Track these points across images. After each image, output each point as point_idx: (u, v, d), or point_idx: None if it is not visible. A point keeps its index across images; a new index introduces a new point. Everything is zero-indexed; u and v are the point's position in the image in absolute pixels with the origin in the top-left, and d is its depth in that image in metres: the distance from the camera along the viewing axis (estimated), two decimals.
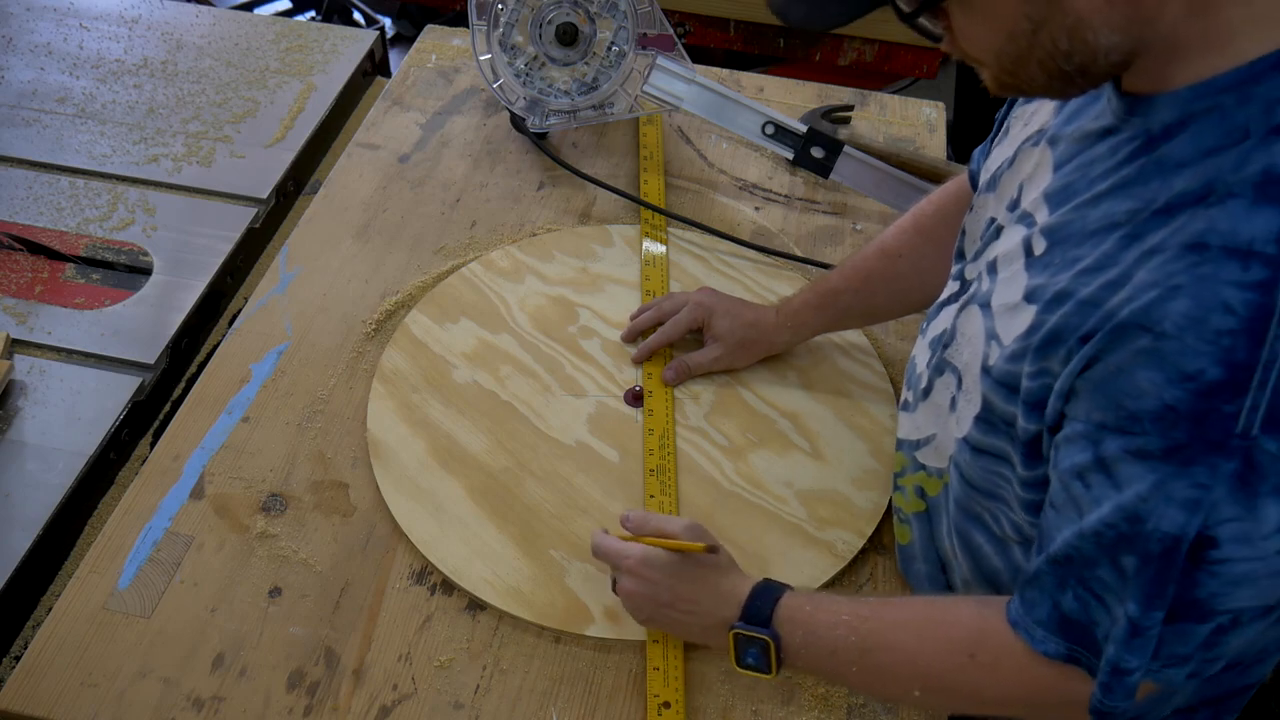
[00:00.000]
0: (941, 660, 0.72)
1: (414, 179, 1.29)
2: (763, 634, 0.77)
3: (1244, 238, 0.56)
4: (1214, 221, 0.58)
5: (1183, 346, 0.57)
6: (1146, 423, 0.59)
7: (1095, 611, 0.65)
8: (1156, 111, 0.63)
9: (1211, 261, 0.57)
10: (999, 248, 0.76)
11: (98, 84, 1.40)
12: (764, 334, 1.06)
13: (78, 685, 0.84)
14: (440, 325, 1.11)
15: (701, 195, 1.29)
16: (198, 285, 1.16)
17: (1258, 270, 0.55)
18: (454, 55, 1.47)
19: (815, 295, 1.04)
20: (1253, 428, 0.55)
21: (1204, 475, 0.57)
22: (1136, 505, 0.60)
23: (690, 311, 1.06)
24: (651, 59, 1.26)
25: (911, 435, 0.87)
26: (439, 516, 0.95)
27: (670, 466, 0.99)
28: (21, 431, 1.02)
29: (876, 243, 1.01)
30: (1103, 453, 0.62)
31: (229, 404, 1.03)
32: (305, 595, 0.90)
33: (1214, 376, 0.56)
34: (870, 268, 1.01)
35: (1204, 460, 0.57)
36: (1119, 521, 0.61)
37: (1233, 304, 0.56)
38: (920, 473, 0.86)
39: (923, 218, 0.99)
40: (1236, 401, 0.56)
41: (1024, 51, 0.62)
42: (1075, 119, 0.72)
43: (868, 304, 1.04)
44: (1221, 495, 0.57)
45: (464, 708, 0.84)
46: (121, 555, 0.92)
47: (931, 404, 0.82)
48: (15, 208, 1.23)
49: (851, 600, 0.78)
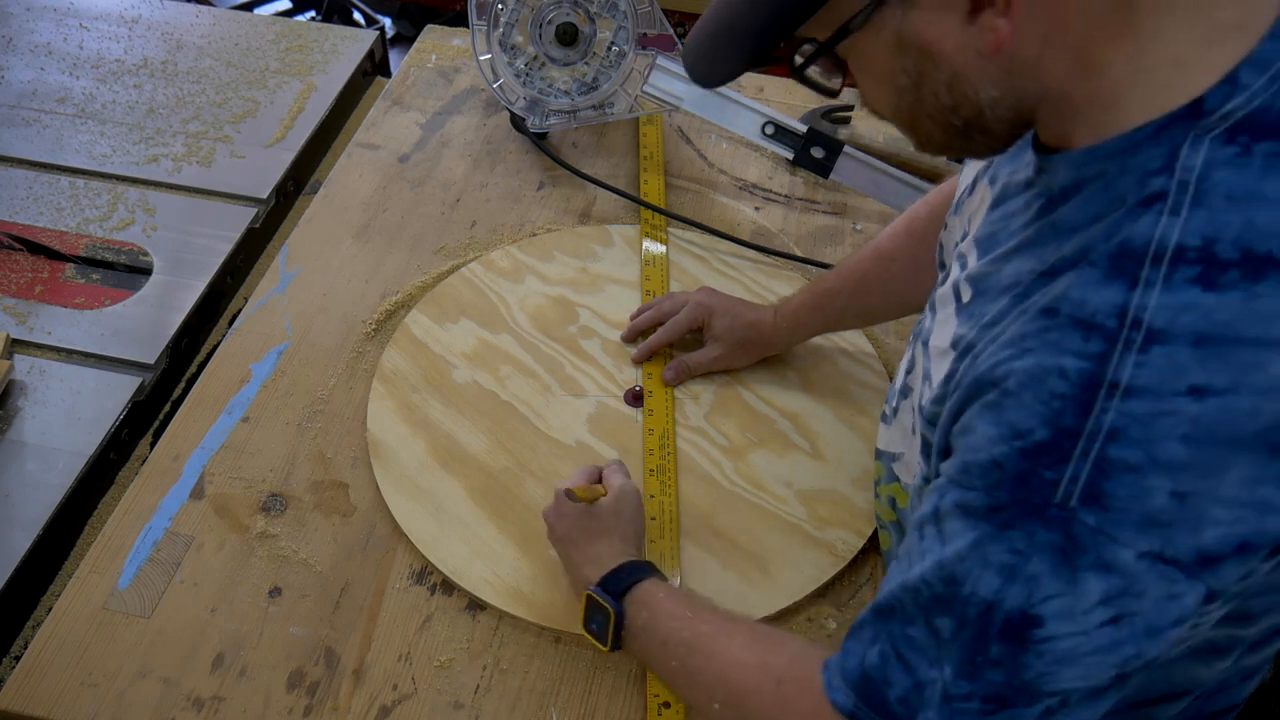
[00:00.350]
0: (749, 679, 0.71)
1: (414, 179, 1.29)
2: (609, 604, 0.78)
3: (1089, 309, 0.55)
4: (1069, 289, 0.57)
5: (1020, 403, 0.56)
6: (975, 476, 0.58)
7: (893, 672, 0.62)
8: (1056, 172, 0.62)
9: (1059, 328, 0.56)
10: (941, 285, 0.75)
11: (98, 84, 1.40)
12: (763, 334, 1.06)
13: (78, 685, 0.84)
14: (440, 325, 1.11)
15: (701, 195, 1.29)
16: (198, 285, 1.16)
17: (1096, 342, 0.54)
18: (454, 55, 1.47)
19: (812, 296, 1.04)
20: (1071, 499, 0.54)
21: (1021, 541, 0.56)
22: (955, 565, 0.58)
23: (690, 311, 1.06)
24: (651, 59, 1.26)
25: (888, 448, 0.86)
26: (439, 516, 0.95)
27: (670, 466, 0.99)
28: (21, 431, 1.02)
29: (871, 245, 1.01)
30: (941, 504, 0.60)
31: (229, 404, 1.03)
32: (305, 595, 0.90)
33: (1041, 438, 0.55)
34: (865, 270, 1.01)
35: (1022, 525, 0.56)
36: (936, 580, 0.59)
37: (1068, 371, 0.55)
38: (895, 484, 0.86)
39: (915, 221, 0.98)
40: (1058, 468, 0.54)
41: (913, 107, 0.61)
42: (1013, 160, 0.71)
43: (863, 306, 1.03)
44: (1042, 569, 0.55)
45: (464, 708, 0.84)
46: (121, 555, 0.92)
47: (899, 424, 0.82)
48: (15, 208, 1.23)
49: (703, 603, 0.79)
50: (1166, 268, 0.54)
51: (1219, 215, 0.54)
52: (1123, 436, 0.53)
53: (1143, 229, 0.55)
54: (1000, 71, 0.58)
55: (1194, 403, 0.52)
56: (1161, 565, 0.54)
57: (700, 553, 0.93)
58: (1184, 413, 0.52)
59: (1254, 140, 0.54)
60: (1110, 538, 0.54)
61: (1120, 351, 0.54)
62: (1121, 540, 0.54)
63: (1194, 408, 0.52)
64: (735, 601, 0.90)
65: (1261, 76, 0.54)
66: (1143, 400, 0.53)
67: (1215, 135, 0.54)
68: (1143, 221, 0.55)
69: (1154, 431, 0.53)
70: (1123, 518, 0.53)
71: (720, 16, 0.63)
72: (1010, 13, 0.55)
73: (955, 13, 0.56)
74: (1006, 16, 0.55)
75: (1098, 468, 0.54)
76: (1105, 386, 0.54)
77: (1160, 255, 0.54)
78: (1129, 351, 0.54)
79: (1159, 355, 0.53)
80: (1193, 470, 0.53)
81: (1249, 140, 0.54)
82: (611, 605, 0.78)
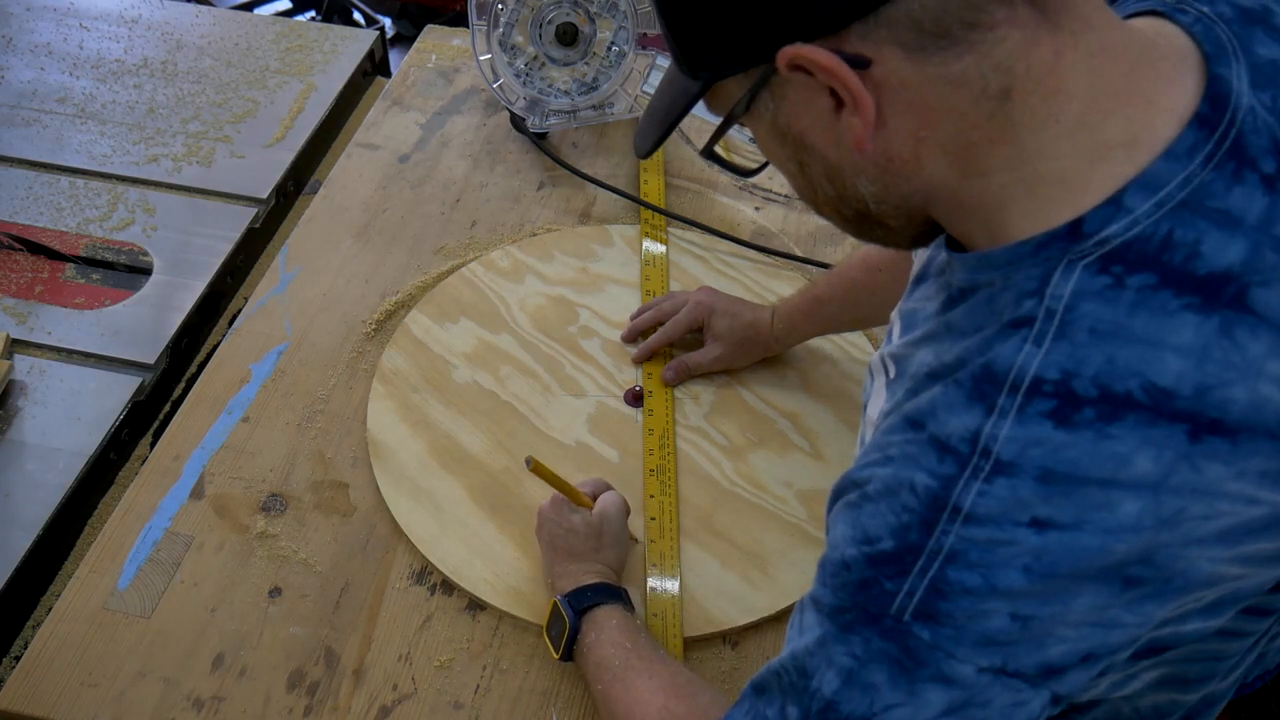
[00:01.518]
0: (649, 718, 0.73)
1: (414, 179, 1.29)
2: (568, 617, 0.81)
3: (947, 430, 0.54)
4: (935, 404, 0.55)
5: (875, 510, 0.56)
6: (828, 573, 0.58)
7: None
8: (955, 272, 0.59)
9: (919, 444, 0.55)
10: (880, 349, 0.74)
11: (98, 84, 1.40)
12: (762, 335, 1.06)
13: (78, 685, 0.84)
14: (440, 325, 1.11)
15: (701, 195, 1.29)
16: (198, 285, 1.16)
17: (949, 465, 0.53)
18: (454, 55, 1.47)
19: (805, 301, 1.04)
20: (905, 613, 0.54)
21: (859, 646, 0.55)
22: (805, 657, 0.58)
23: (690, 311, 1.07)
24: (651, 59, 1.26)
25: None
26: (439, 516, 0.95)
27: (670, 466, 0.99)
28: (21, 431, 1.02)
29: (860, 254, 1.00)
30: (808, 594, 0.61)
31: (229, 404, 1.03)
32: (305, 595, 0.90)
33: (886, 548, 0.55)
34: (853, 278, 1.00)
35: (861, 631, 0.55)
36: (792, 668, 0.59)
37: (919, 487, 0.54)
38: None
39: None
40: (897, 580, 0.54)
41: (806, 194, 0.61)
42: None
43: (854, 313, 1.03)
44: (881, 679, 0.55)
45: (464, 708, 0.84)
46: (121, 555, 0.92)
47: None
48: (15, 208, 1.23)
49: (647, 640, 0.80)
50: (1022, 399, 0.52)
51: (1080, 349, 0.51)
52: (960, 560, 0.52)
53: (1006, 354, 0.53)
54: (875, 168, 0.56)
55: (1034, 535, 0.51)
56: (1005, 678, 0.54)
57: (700, 553, 0.93)
58: (1024, 544, 0.51)
59: (1128, 272, 0.51)
60: (947, 653, 0.53)
61: (967, 478, 0.53)
62: (959, 656, 0.53)
63: (1035, 540, 0.51)
64: (735, 602, 0.90)
65: (1148, 200, 0.51)
66: (983, 528, 0.52)
67: (1089, 262, 0.52)
68: (1008, 345, 0.53)
69: (993, 558, 0.52)
70: (960, 635, 0.53)
71: (654, 98, 0.65)
72: (862, 113, 0.52)
73: (821, 108, 0.54)
74: (859, 117, 0.53)
75: (934, 587, 0.53)
76: (949, 509, 0.53)
77: (1018, 385, 0.52)
78: (975, 479, 0.52)
79: (1002, 486, 0.52)
80: (1034, 598, 0.52)
81: (1123, 271, 0.51)
82: (570, 618, 0.81)
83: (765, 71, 0.54)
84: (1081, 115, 0.52)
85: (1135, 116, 0.52)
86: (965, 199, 0.56)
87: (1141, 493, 0.51)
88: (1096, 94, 0.52)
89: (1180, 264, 0.51)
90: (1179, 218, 0.51)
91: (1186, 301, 0.51)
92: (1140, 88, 0.52)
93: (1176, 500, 0.51)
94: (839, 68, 0.51)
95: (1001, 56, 0.51)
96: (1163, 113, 0.52)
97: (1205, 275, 0.51)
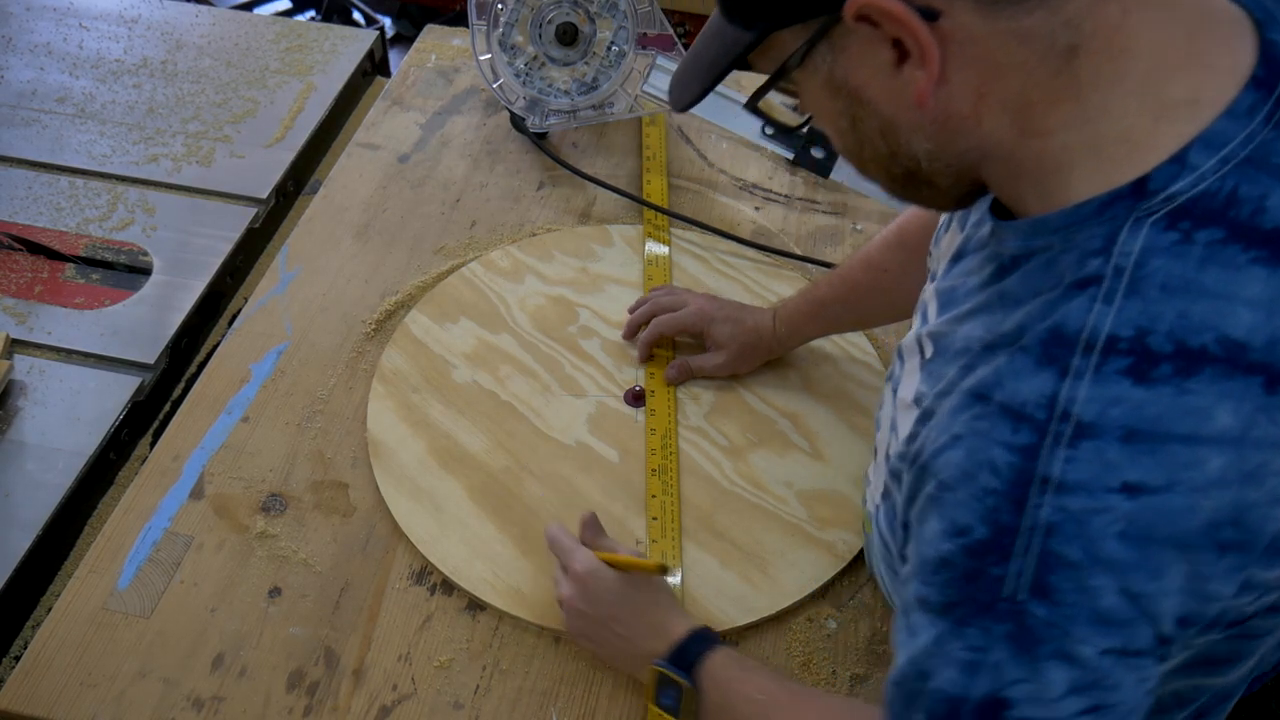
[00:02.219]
0: None
1: (414, 179, 1.29)
2: (684, 680, 0.76)
3: (1020, 398, 0.53)
4: (1001, 374, 0.55)
5: (956, 499, 0.55)
6: (929, 571, 0.57)
7: None
8: (1005, 240, 0.59)
9: (989, 417, 0.54)
10: (909, 332, 0.73)
11: (98, 84, 1.40)
12: (765, 339, 1.05)
13: (78, 685, 0.84)
14: (440, 325, 1.11)
15: (701, 195, 1.28)
16: (198, 285, 1.16)
17: (1025, 434, 0.52)
18: (454, 55, 1.47)
19: (807, 304, 1.04)
20: (1018, 592, 0.53)
21: (978, 638, 0.54)
22: (923, 660, 0.57)
23: (690, 317, 1.06)
24: (651, 59, 1.26)
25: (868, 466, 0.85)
26: (439, 516, 0.95)
27: (672, 466, 0.99)
28: (21, 431, 1.02)
29: (862, 254, 1.00)
30: (908, 595, 0.59)
31: (229, 404, 1.03)
32: (305, 595, 0.90)
33: (981, 535, 0.54)
34: (856, 279, 1.00)
35: (977, 622, 0.54)
36: (911, 675, 0.58)
37: (998, 465, 0.53)
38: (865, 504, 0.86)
39: (907, 232, 0.97)
40: (1002, 565, 0.53)
41: (855, 151, 0.60)
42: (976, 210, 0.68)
43: (857, 314, 1.03)
44: (1003, 657, 0.54)
45: (464, 708, 0.84)
46: (121, 555, 0.92)
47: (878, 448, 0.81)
48: (15, 208, 1.23)
49: (774, 679, 0.77)
50: (1097, 358, 0.52)
51: (1153, 305, 0.51)
52: (1059, 533, 0.52)
53: (1075, 314, 0.53)
54: (933, 124, 0.56)
55: (1127, 500, 0.51)
56: (1129, 659, 0.53)
57: (700, 553, 0.93)
58: (1117, 509, 0.51)
59: (1196, 227, 0.51)
60: (1064, 632, 0.53)
61: (1050, 445, 0.52)
62: (1076, 636, 0.53)
63: (1127, 505, 0.51)
64: (735, 602, 0.90)
65: (1212, 157, 0.52)
66: (1075, 496, 0.51)
67: (1156, 219, 0.52)
68: (1076, 306, 0.53)
69: (1089, 529, 0.51)
70: (1074, 613, 0.52)
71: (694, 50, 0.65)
72: (927, 66, 0.52)
73: (882, 61, 0.54)
74: (924, 70, 0.53)
75: (1042, 562, 0.52)
76: (1036, 481, 0.52)
77: (1092, 344, 0.52)
78: (1058, 445, 0.52)
79: (1088, 450, 0.51)
80: (1137, 571, 0.51)
81: (1190, 227, 0.52)
82: (689, 683, 0.76)
83: (826, 22, 0.54)
84: (1146, 75, 0.52)
85: (1196, 77, 0.53)
86: (1022, 159, 0.56)
87: (1224, 448, 0.51)
88: (1160, 54, 0.53)
89: (1247, 219, 0.52)
90: (1243, 174, 0.52)
91: (1255, 255, 0.52)
92: (1200, 49, 0.53)
93: (1258, 454, 0.52)
94: (909, 19, 0.51)
95: (1071, 13, 0.51)
96: (1221, 74, 0.53)
97: (1272, 229, 0.52)
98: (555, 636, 0.88)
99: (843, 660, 0.88)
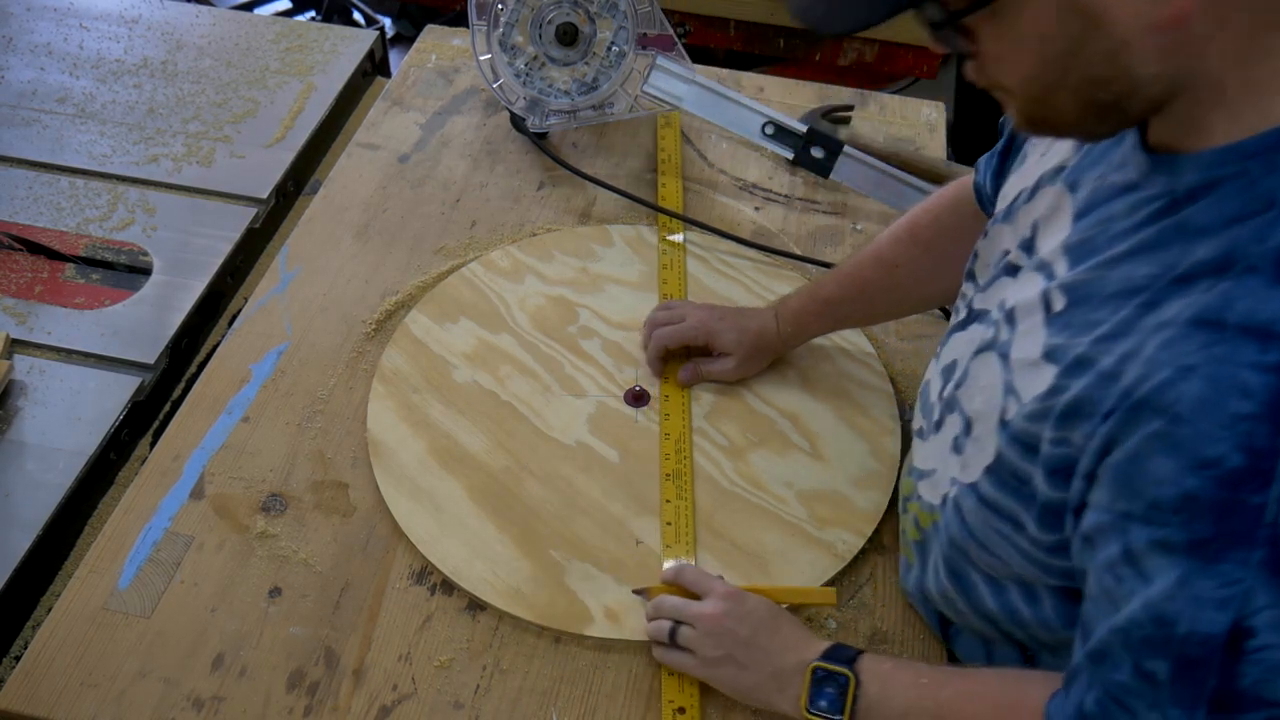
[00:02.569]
0: None
1: (414, 179, 1.29)
2: (845, 669, 0.77)
3: (1263, 316, 0.53)
4: (1231, 298, 0.55)
5: (1198, 431, 0.54)
6: (1168, 513, 0.56)
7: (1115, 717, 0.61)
8: (1181, 173, 0.60)
9: (1227, 341, 0.54)
10: (1015, 294, 0.74)
11: (98, 84, 1.40)
12: (769, 341, 1.05)
13: (78, 685, 0.84)
14: (440, 325, 1.11)
15: (701, 195, 1.29)
16: (198, 285, 1.16)
17: (1276, 352, 0.52)
18: (454, 55, 1.47)
19: (813, 303, 1.03)
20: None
21: (1235, 571, 0.54)
22: (1163, 604, 0.57)
23: (690, 330, 1.04)
24: (651, 59, 1.26)
25: (920, 465, 0.85)
26: (439, 516, 0.95)
27: (686, 471, 0.98)
28: (21, 431, 1.02)
29: (871, 251, 1.00)
30: (1130, 544, 0.59)
31: (229, 404, 1.03)
32: (305, 595, 0.90)
33: (1235, 464, 0.53)
34: (866, 277, 1.00)
35: (1232, 556, 0.54)
36: (1146, 621, 0.58)
37: (1251, 387, 0.53)
38: (918, 503, 0.85)
39: (918, 228, 0.97)
40: (1263, 492, 0.52)
41: (1057, 78, 0.59)
42: (1097, 164, 0.69)
43: (866, 311, 1.03)
44: (1254, 585, 0.54)
45: (464, 708, 0.84)
46: (121, 555, 0.92)
47: (940, 439, 0.81)
48: (15, 208, 1.23)
49: (927, 665, 0.78)
50: None
51: None
52: None
53: None
54: (1168, 47, 0.56)
55: None
56: None
57: (700, 553, 0.93)
58: None
59: None
60: None
61: None
62: None
63: None
64: None
65: None
66: None
67: None
68: None
69: None
70: None
71: None
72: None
73: None
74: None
75: None
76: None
77: None
78: None
79: None
80: None
81: None
82: (850, 671, 0.76)
83: None
84: None
85: None
86: (1228, 85, 0.57)
87: None
88: None
89: None
90: None
91: None
92: None
93: None
94: None
95: None
96: None
97: None
98: (555, 636, 0.88)
99: None
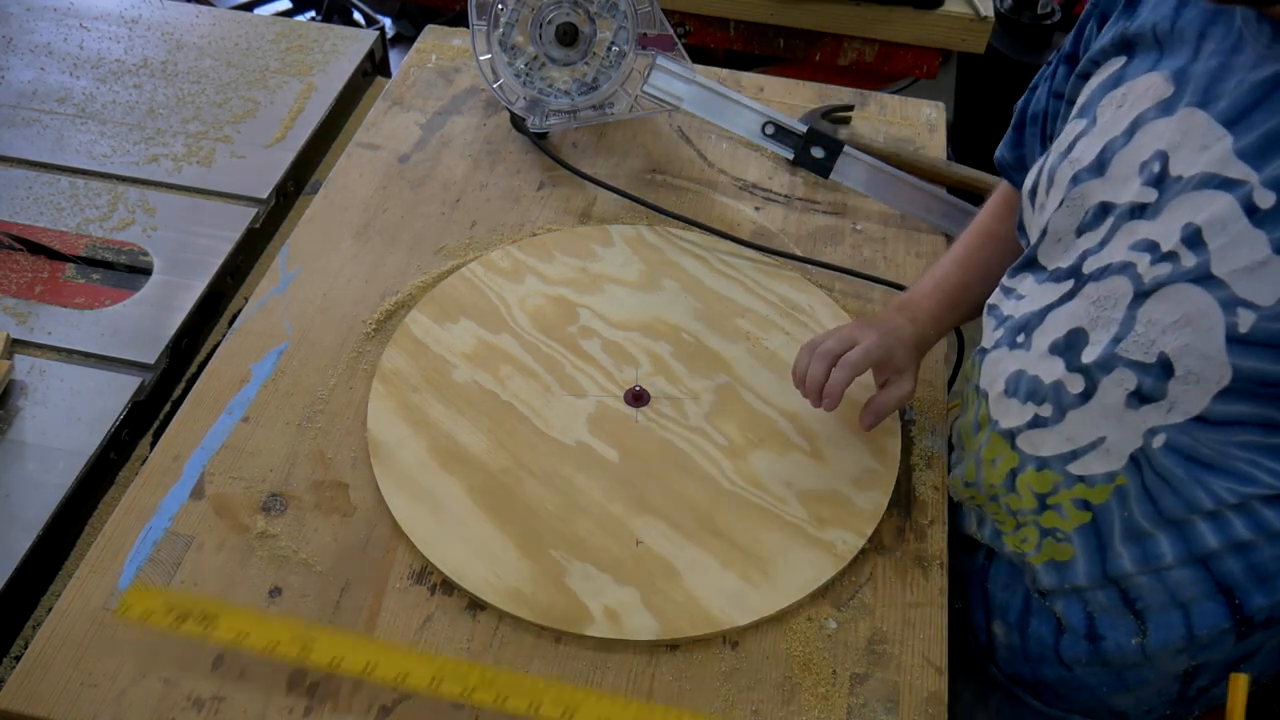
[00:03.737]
0: None
1: (414, 179, 1.29)
2: None
3: None
4: None
5: None
6: None
7: None
8: None
9: None
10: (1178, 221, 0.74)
11: (98, 84, 1.40)
12: (922, 349, 1.02)
13: (78, 685, 0.84)
14: (440, 325, 1.11)
15: (701, 195, 1.29)
16: (198, 285, 1.16)
17: None
18: (454, 55, 1.47)
19: (943, 295, 1.02)
20: None
21: None
22: None
23: (877, 350, 0.96)
24: (651, 59, 1.26)
25: (1063, 448, 0.83)
26: (439, 516, 0.95)
27: None
28: (21, 431, 1.02)
29: (980, 231, 1.03)
30: None
31: (229, 404, 1.03)
32: (305, 595, 0.90)
33: None
34: (986, 256, 1.02)
35: None
36: None
37: None
38: (1079, 485, 0.84)
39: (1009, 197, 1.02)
40: None
41: None
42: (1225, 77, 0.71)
43: (987, 286, 0.99)
44: None
45: (464, 708, 0.84)
46: (121, 555, 0.92)
47: (1096, 407, 0.80)
48: (15, 208, 1.23)
49: None
50: None
51: None
52: None
53: None
54: None
55: None
56: None
57: (700, 553, 0.93)
58: None
59: None
60: None
61: None
62: None
63: None
64: (735, 602, 0.90)
65: None
66: None
67: None
68: None
69: None
70: None
71: None
72: None
73: None
74: None
75: None
76: None
77: None
78: None
79: None
80: None
81: None
82: None
83: None
84: None
85: None
86: None
87: None
88: None
89: None
90: None
91: None
92: None
93: None
94: None
95: None
96: None
97: None
98: (555, 636, 0.88)
99: (843, 660, 0.88)
